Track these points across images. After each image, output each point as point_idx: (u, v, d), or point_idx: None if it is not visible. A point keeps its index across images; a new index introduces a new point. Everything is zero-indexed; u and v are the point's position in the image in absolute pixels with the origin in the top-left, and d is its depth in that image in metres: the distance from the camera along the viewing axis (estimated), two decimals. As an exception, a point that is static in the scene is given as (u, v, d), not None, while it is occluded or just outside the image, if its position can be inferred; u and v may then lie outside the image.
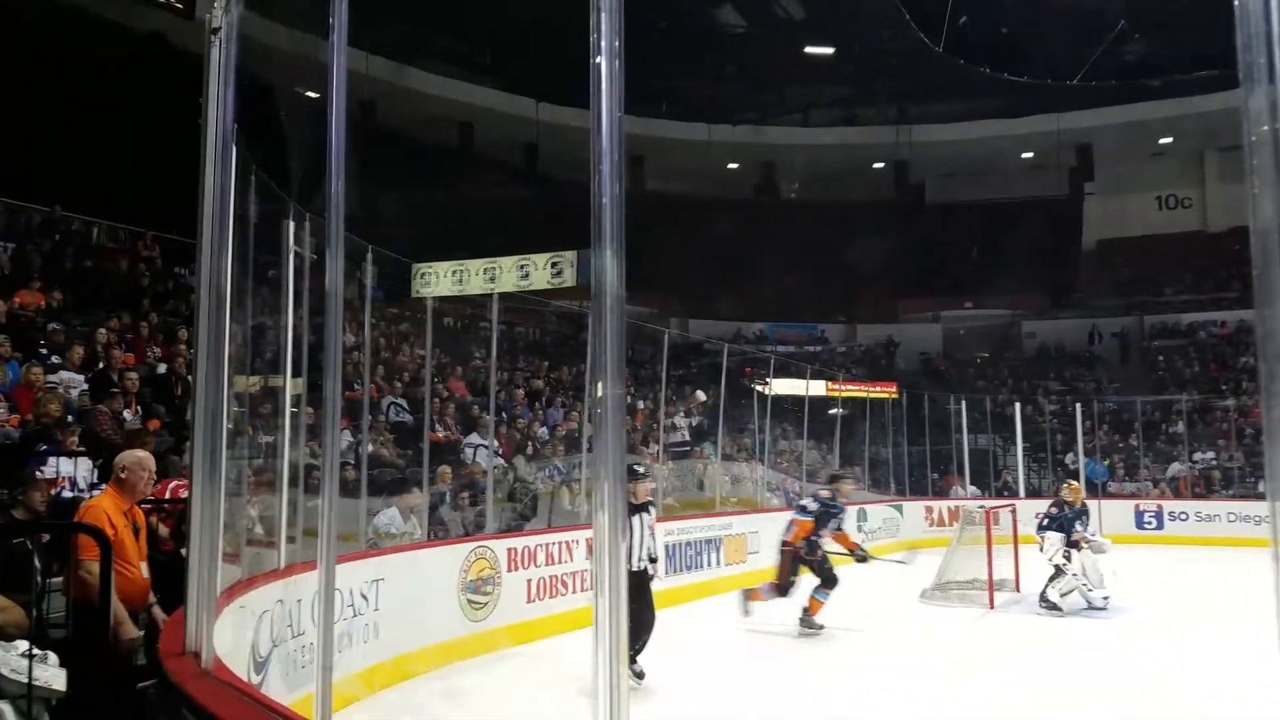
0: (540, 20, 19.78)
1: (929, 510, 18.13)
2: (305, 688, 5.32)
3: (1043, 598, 9.85)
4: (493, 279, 10.33)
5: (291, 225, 5.20)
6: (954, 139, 28.13)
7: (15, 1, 16.43)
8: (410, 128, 23.31)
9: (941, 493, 19.36)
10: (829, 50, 25.23)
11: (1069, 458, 19.41)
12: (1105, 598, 9.80)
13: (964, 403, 19.81)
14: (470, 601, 7.69)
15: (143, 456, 4.52)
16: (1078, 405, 19.11)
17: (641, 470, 7.32)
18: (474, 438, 11.56)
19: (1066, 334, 27.84)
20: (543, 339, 20.78)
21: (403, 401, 12.30)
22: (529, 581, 8.45)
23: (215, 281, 3.10)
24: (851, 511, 15.43)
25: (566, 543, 8.95)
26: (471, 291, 10.95)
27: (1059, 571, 9.80)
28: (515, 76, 24.69)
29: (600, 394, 2.27)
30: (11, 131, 15.06)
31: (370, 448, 9.21)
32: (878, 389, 20.05)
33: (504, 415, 12.75)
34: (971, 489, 19.40)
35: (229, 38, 3.24)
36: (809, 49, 25.24)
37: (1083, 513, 10.06)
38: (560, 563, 8.82)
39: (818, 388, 17.27)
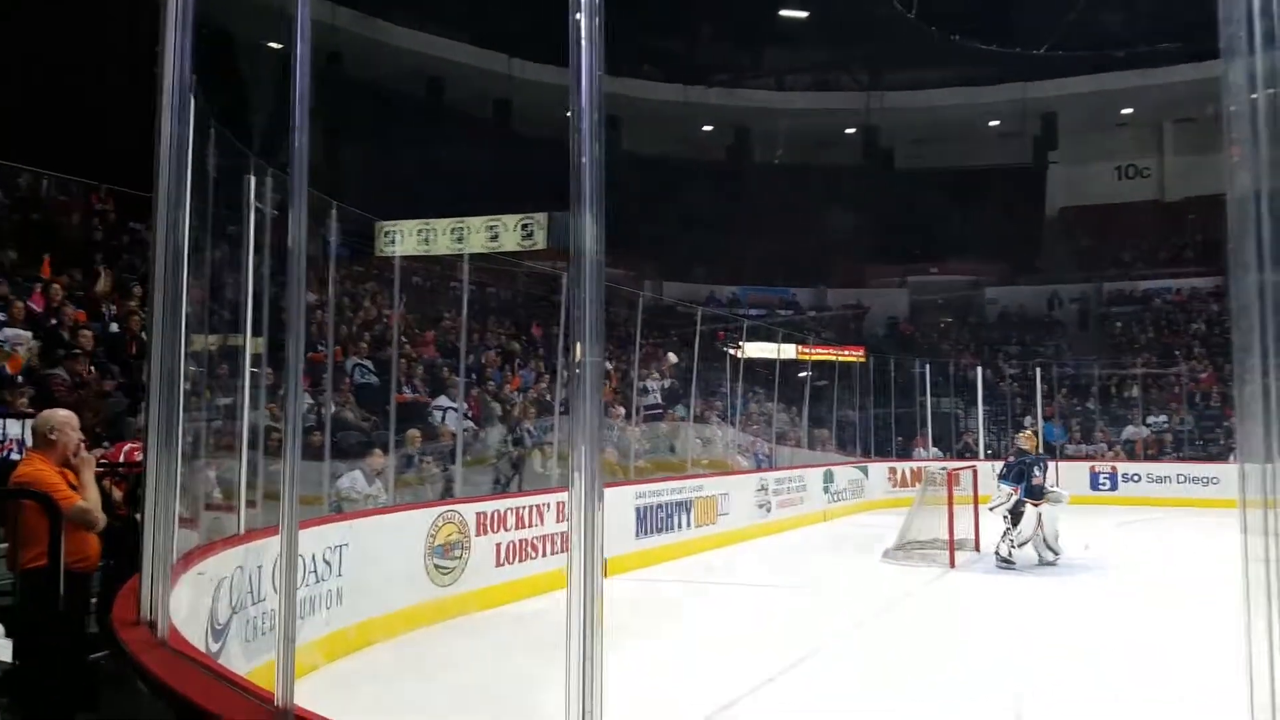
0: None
1: (893, 471, 18.45)
2: (266, 655, 5.23)
3: (997, 554, 10.08)
4: (460, 239, 10.14)
5: (253, 180, 5.00)
6: (924, 105, 28.21)
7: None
8: (377, 81, 22.72)
9: (906, 454, 19.64)
10: (803, 14, 25.05)
11: (1028, 420, 19.72)
12: (1055, 554, 10.07)
13: (928, 366, 20.03)
14: (437, 566, 7.62)
15: (70, 416, 4.29)
16: (1037, 369, 19.40)
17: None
18: (443, 400, 11.42)
19: (1027, 300, 28.30)
20: (514, 300, 20.57)
21: (368, 363, 12.10)
22: (498, 545, 8.40)
23: (171, 237, 2.96)
24: (818, 473, 15.70)
25: (537, 506, 8.90)
26: (438, 252, 10.74)
27: (1011, 526, 10.03)
28: (488, 31, 24.13)
29: (579, 357, 2.22)
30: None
31: (333, 409, 9.05)
32: (846, 353, 20.21)
33: (474, 377, 12.60)
34: (934, 450, 19.70)
35: (187, -15, 3.06)
36: (784, 12, 25.02)
37: (1040, 460, 10.33)
38: (530, 526, 8.77)
39: (789, 351, 17.35)
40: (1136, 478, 18.45)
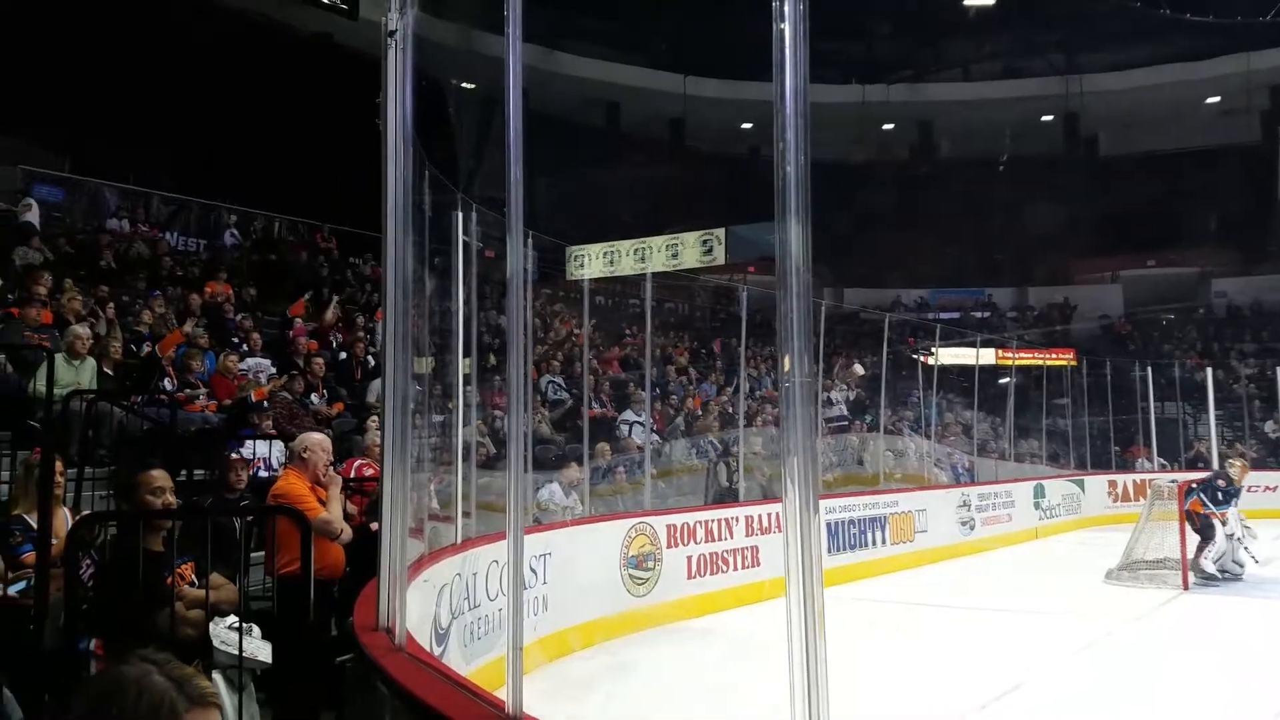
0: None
1: (1112, 485, 17.02)
2: (482, 658, 5.53)
3: (1196, 568, 9.53)
4: (643, 259, 10.31)
5: (460, 216, 5.34)
6: (1130, 86, 26.14)
7: (195, 10, 17.78)
8: (559, 111, 23.72)
9: (1126, 466, 18.15)
10: (990, 2, 23.88)
11: (1269, 425, 17.64)
12: (1241, 566, 9.74)
13: (1149, 368, 18.36)
14: (632, 576, 7.78)
15: (321, 438, 4.77)
16: (1277, 368, 17.34)
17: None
18: (629, 414, 11.69)
19: (1263, 291, 25.45)
20: (692, 314, 20.78)
21: (560, 380, 12.57)
22: (689, 558, 8.46)
23: (399, 271, 3.20)
24: (1027, 487, 14.76)
25: (726, 520, 8.89)
26: (623, 272, 11.00)
27: (1206, 539, 9.60)
28: (662, 52, 24.68)
29: (787, 368, 2.21)
30: (197, 135, 16.38)
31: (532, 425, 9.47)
32: (1053, 356, 18.92)
33: (658, 391, 12.82)
34: (1159, 461, 18.03)
35: (404, 40, 3.30)
36: (968, 1, 23.97)
37: (1238, 494, 9.87)
38: (720, 539, 8.78)
39: (987, 356, 16.45)
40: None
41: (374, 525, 4.65)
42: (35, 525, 3.70)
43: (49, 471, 3.16)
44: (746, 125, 26.67)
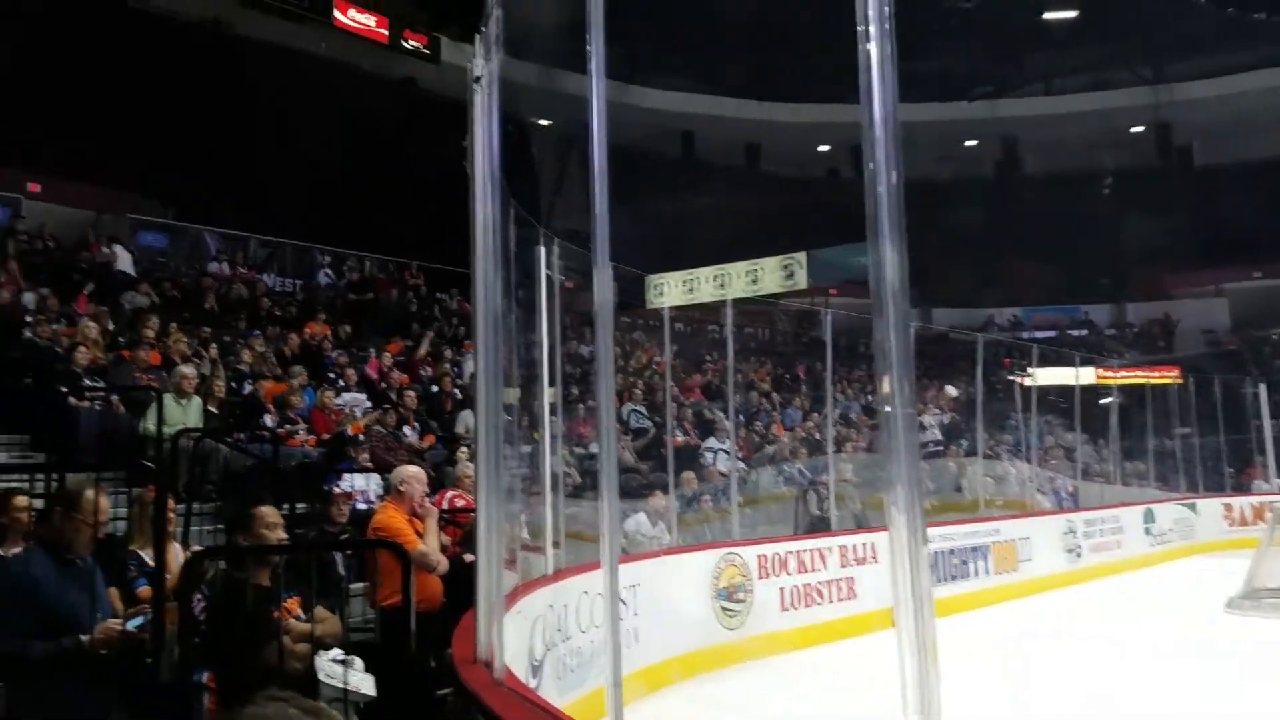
0: (756, 21, 19.69)
1: (1228, 508, 16.09)
2: (576, 691, 5.49)
3: None
4: (723, 285, 10.29)
5: (543, 250, 5.42)
6: (1224, 94, 25.08)
7: (289, 66, 18.67)
8: (634, 142, 23.96)
9: (1242, 488, 17.15)
10: (1071, 14, 23.30)
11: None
12: None
13: (1263, 385, 17.34)
14: (724, 609, 7.65)
15: (417, 471, 4.87)
16: (1405, 382, 16.22)
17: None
18: (712, 441, 11.61)
19: (1386, 300, 23.87)
20: (773, 338, 20.61)
21: (642, 408, 12.58)
22: (781, 589, 8.28)
23: (489, 306, 3.25)
24: (1136, 512, 14.06)
25: (819, 550, 8.69)
26: (702, 300, 10.98)
27: None
28: (734, 80, 24.77)
29: (886, 390, 2.17)
30: (291, 181, 17.14)
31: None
32: (1157, 374, 18.03)
33: (741, 418, 12.70)
34: (1276, 482, 16.95)
35: (490, 84, 3.38)
36: (1048, 15, 23.43)
37: None
38: (813, 570, 8.58)
39: (1087, 375, 15.80)
40: None
41: (468, 556, 4.71)
42: (150, 561, 3.84)
43: (163, 509, 3.28)
44: (824, 148, 26.47)
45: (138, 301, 11.23)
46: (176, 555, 4.23)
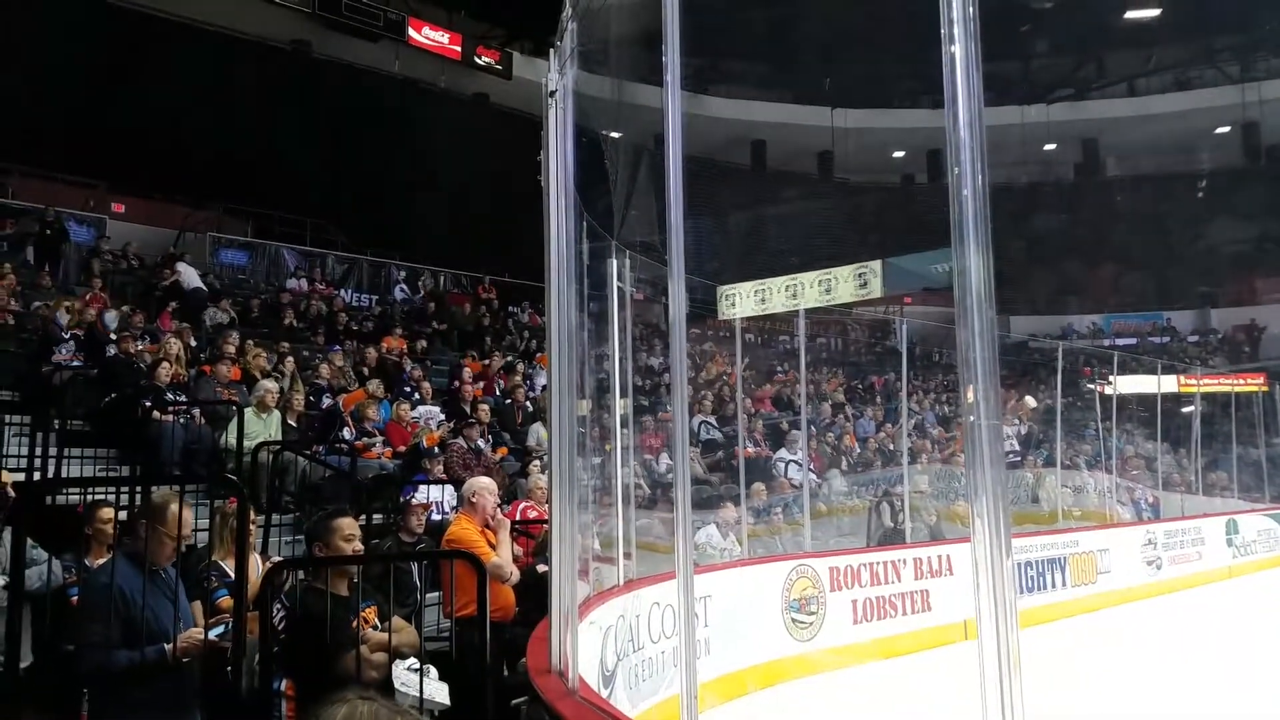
0: (827, 27, 19.51)
1: (1315, 519, 15.22)
2: (648, 701, 5.47)
3: None
4: (795, 295, 10.14)
5: (614, 263, 5.44)
6: (1313, 92, 23.86)
7: (366, 85, 19.18)
8: (705, 152, 23.95)
9: (1329, 498, 16.18)
10: (1154, 12, 22.52)
11: None
12: None
13: (1353, 392, 16.45)
14: (795, 621, 7.55)
15: (488, 483, 4.91)
16: None
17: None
18: (783, 453, 11.48)
19: None
20: (845, 348, 20.31)
21: (712, 420, 12.52)
22: (854, 602, 8.13)
23: (563, 319, 3.26)
24: (1218, 523, 13.47)
25: (893, 562, 8.52)
26: (774, 310, 10.86)
27: None
28: (805, 87, 24.57)
29: (971, 400, 2.09)
30: (366, 198, 17.59)
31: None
32: (1243, 381, 17.23)
33: (813, 429, 12.54)
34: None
35: (564, 99, 3.40)
36: (1130, 14, 22.69)
37: None
38: (886, 583, 8.41)
39: (1169, 384, 15.20)
40: None
41: (540, 567, 4.74)
42: (230, 571, 3.94)
43: (244, 520, 3.36)
44: (898, 154, 26.06)
45: (218, 318, 11.62)
46: (256, 566, 4.33)
